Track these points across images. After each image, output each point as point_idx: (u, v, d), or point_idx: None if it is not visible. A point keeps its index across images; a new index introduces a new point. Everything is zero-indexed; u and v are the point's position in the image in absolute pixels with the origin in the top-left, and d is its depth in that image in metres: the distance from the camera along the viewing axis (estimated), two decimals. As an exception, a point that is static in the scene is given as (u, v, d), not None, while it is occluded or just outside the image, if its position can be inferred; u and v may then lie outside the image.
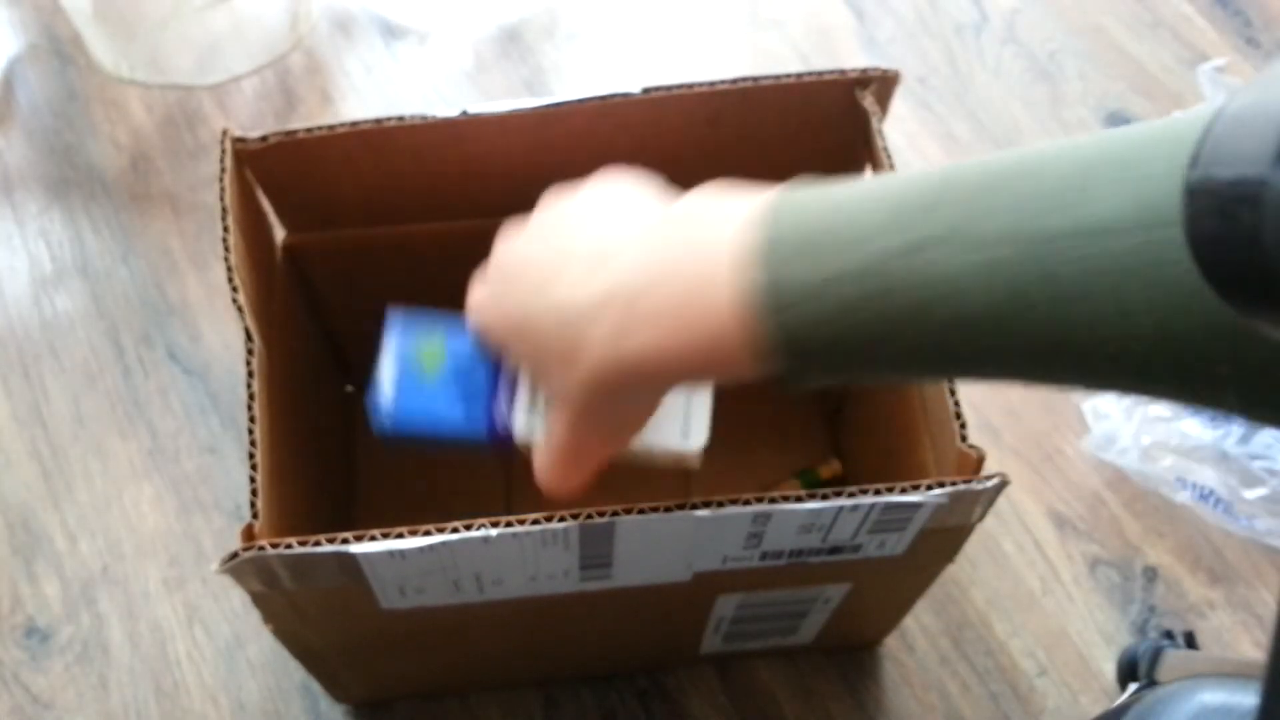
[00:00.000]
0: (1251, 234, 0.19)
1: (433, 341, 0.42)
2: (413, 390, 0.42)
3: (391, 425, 0.42)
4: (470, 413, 0.42)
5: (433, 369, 0.41)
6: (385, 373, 0.41)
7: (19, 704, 0.58)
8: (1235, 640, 0.60)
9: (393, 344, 0.42)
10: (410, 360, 0.42)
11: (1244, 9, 0.85)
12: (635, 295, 0.32)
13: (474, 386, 0.42)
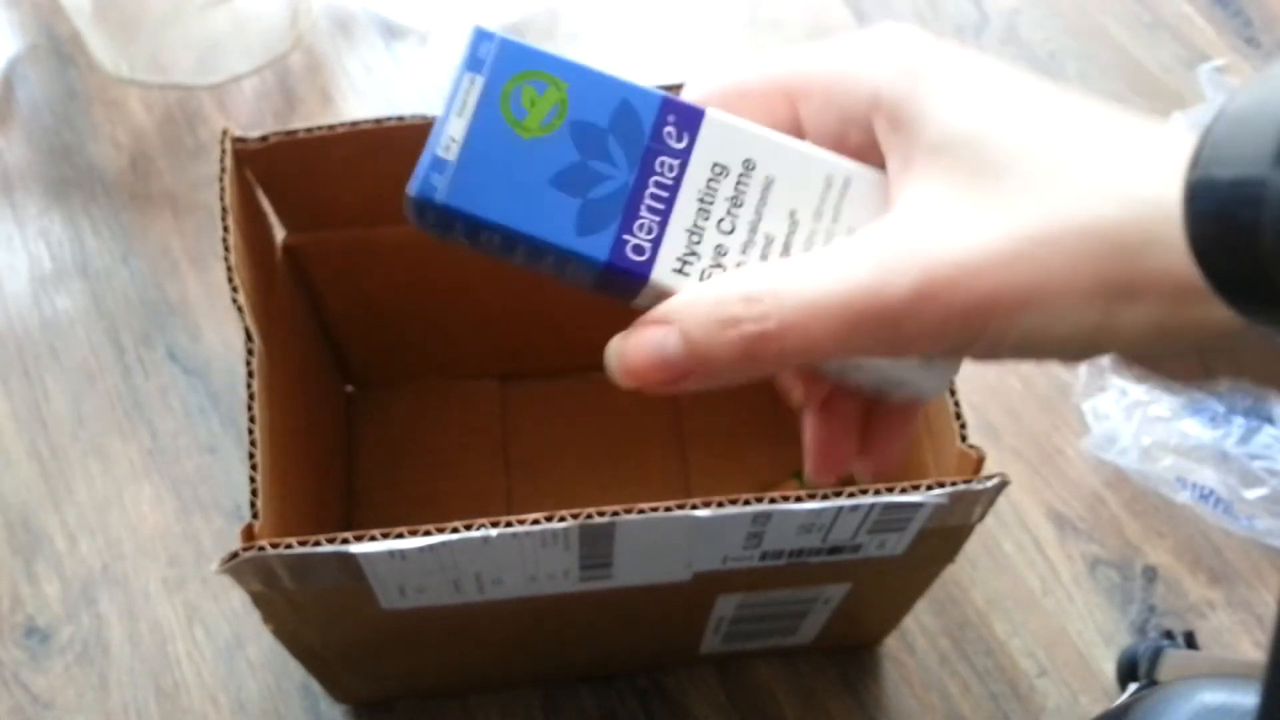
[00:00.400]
0: (1251, 235, 0.19)
1: (545, 89, 0.28)
2: (488, 160, 0.28)
3: (444, 196, 0.27)
4: (585, 218, 0.28)
5: (533, 128, 0.28)
6: (449, 122, 0.28)
7: (19, 704, 0.58)
8: (1235, 640, 0.60)
9: (476, 77, 0.28)
10: (493, 114, 0.28)
11: (1244, 9, 0.85)
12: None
13: (594, 180, 0.28)
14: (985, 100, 0.27)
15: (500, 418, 0.66)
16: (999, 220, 0.26)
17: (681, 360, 0.27)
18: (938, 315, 0.26)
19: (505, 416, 0.66)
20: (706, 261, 0.28)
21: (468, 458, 0.65)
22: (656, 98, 0.28)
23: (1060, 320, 0.25)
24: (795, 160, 0.29)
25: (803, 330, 0.26)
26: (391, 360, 0.66)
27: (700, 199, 0.28)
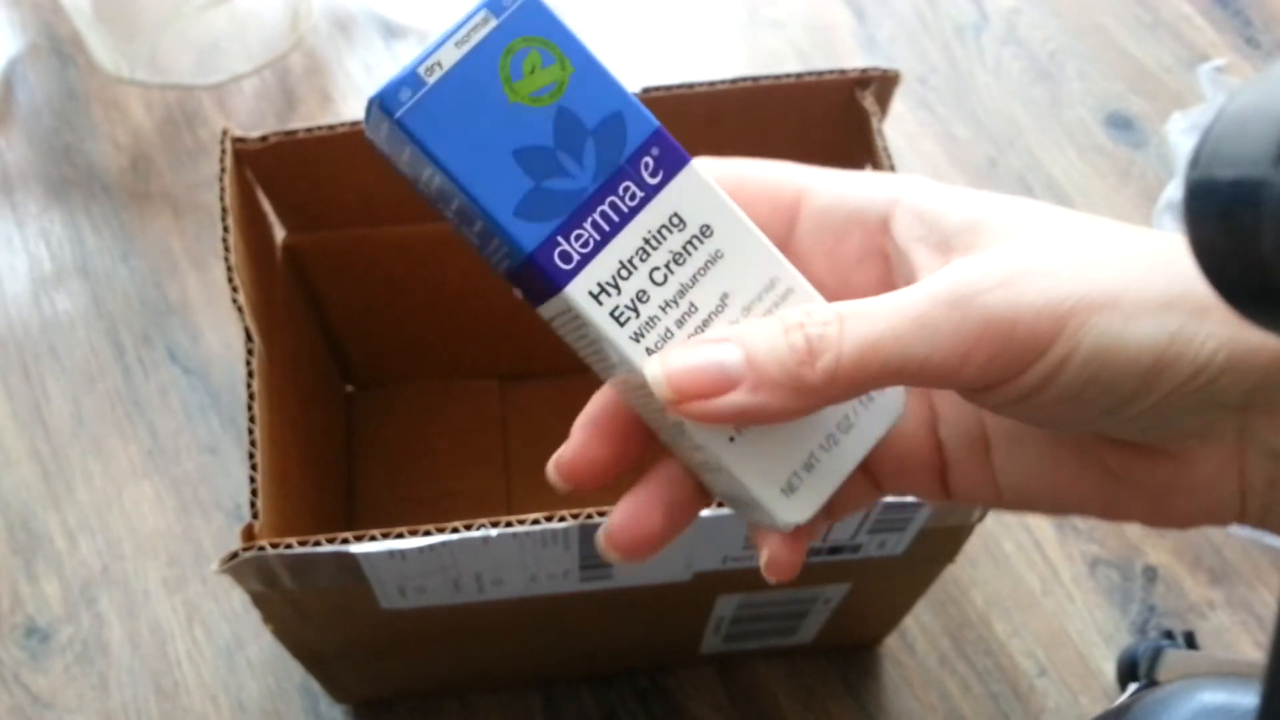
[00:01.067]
0: (1252, 236, 0.19)
1: (551, 63, 0.27)
2: (464, 101, 0.26)
3: (404, 112, 0.26)
4: (530, 203, 0.26)
5: (522, 94, 0.26)
6: (444, 47, 0.26)
7: (19, 704, 0.58)
8: (1235, 640, 0.60)
9: (491, 18, 0.27)
10: (490, 62, 0.26)
11: (1244, 9, 0.85)
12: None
13: (556, 172, 0.26)
14: (995, 197, 0.28)
15: (500, 418, 0.66)
16: (1062, 247, 0.25)
17: (735, 366, 0.26)
18: (1008, 311, 0.24)
19: (505, 416, 0.66)
20: (623, 300, 0.27)
21: (468, 458, 0.65)
22: (651, 125, 0.27)
23: (1135, 328, 0.24)
24: (751, 247, 0.28)
25: (862, 332, 0.25)
26: (391, 360, 0.66)
27: (645, 239, 0.27)
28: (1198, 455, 0.26)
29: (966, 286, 0.25)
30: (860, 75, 0.51)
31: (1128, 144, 0.79)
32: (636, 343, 0.27)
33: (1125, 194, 0.76)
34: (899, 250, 0.28)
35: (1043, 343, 0.24)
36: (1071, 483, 0.28)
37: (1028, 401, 0.25)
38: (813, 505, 0.28)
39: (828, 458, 0.28)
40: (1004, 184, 0.76)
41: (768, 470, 0.28)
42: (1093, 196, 0.76)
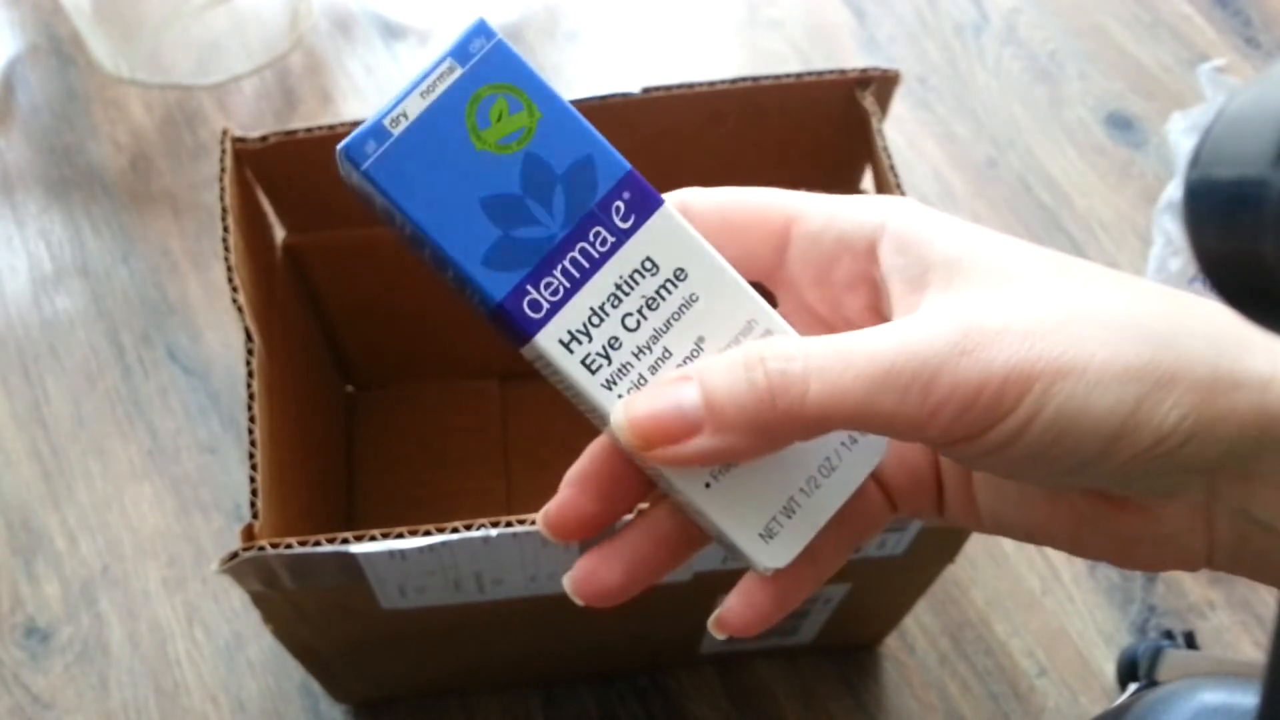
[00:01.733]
0: (1252, 235, 0.19)
1: (518, 110, 0.26)
2: (430, 151, 0.26)
3: (369, 164, 0.26)
4: (497, 252, 0.26)
5: (489, 142, 0.26)
6: (410, 97, 0.26)
7: (19, 704, 0.58)
8: (1235, 640, 0.60)
9: (456, 67, 0.27)
10: (456, 110, 0.26)
11: (1244, 9, 0.85)
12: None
13: (524, 220, 0.26)
14: (982, 232, 0.28)
15: (500, 418, 0.66)
16: (1035, 301, 0.25)
17: (694, 408, 0.25)
18: (976, 372, 0.24)
19: (505, 416, 0.66)
20: (595, 347, 0.26)
21: (468, 457, 0.65)
22: (622, 168, 0.27)
23: (1100, 397, 0.24)
24: (726, 290, 0.27)
25: (829, 377, 0.25)
26: (391, 360, 0.66)
27: (617, 285, 0.27)
28: (1165, 510, 0.26)
29: (938, 344, 0.25)
30: (860, 75, 0.51)
31: (1127, 144, 0.79)
32: (609, 390, 0.26)
33: (1125, 194, 0.76)
34: (881, 278, 0.28)
35: (1007, 405, 0.24)
36: (1042, 519, 0.29)
37: (990, 458, 0.25)
38: (792, 550, 0.28)
39: (808, 502, 0.28)
40: (1004, 183, 0.76)
41: (746, 515, 0.27)
42: (1092, 196, 0.76)
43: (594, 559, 0.29)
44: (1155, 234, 0.73)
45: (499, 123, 0.26)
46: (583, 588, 0.28)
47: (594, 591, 0.28)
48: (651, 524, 0.29)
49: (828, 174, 0.57)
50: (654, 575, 0.29)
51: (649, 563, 0.29)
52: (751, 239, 0.29)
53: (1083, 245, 0.74)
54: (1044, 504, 0.28)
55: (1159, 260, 0.70)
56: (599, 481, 0.28)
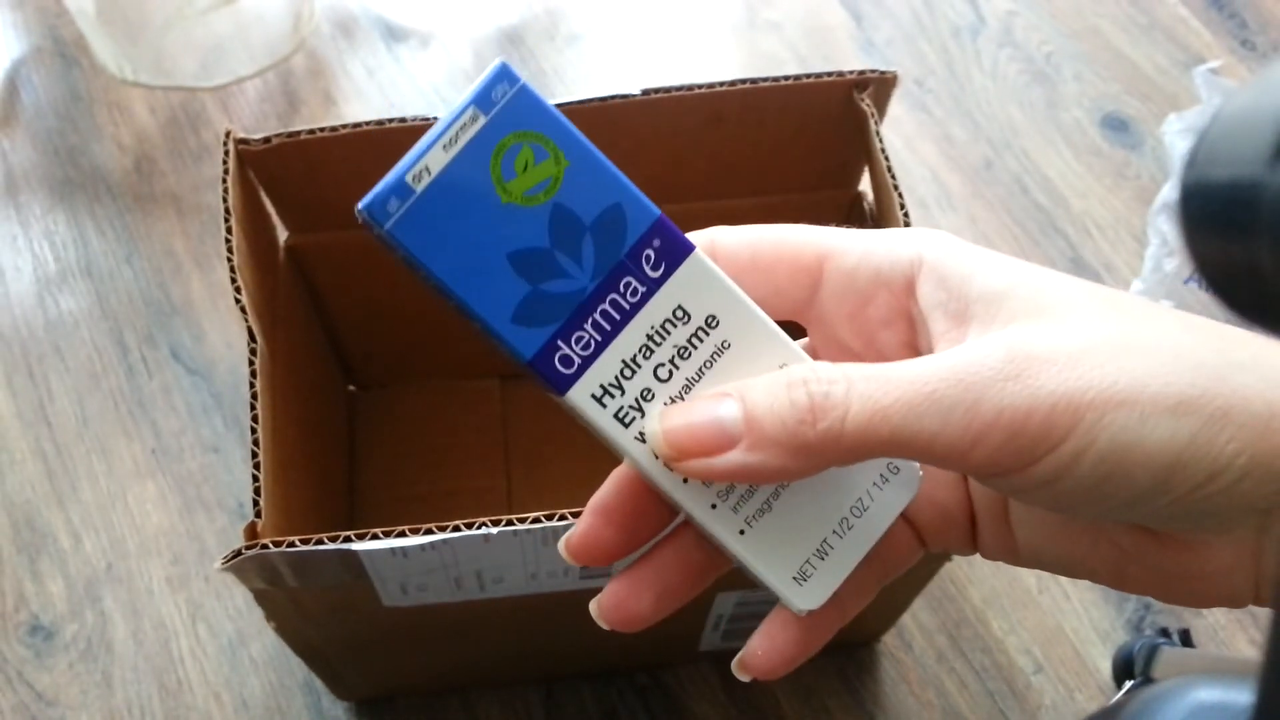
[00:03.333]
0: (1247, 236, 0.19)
1: (544, 159, 0.25)
2: (454, 206, 0.25)
3: (392, 224, 0.25)
4: (527, 308, 0.25)
5: (515, 194, 0.25)
6: (432, 151, 0.25)
7: (23, 701, 0.58)
8: (1231, 638, 0.60)
9: (480, 115, 0.25)
10: (480, 162, 0.25)
11: (1239, 11, 0.86)
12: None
13: (553, 274, 0.25)
14: (1023, 265, 0.27)
15: (501, 417, 0.67)
16: (1084, 331, 0.25)
17: (733, 423, 0.25)
18: (1024, 398, 0.23)
19: (506, 416, 0.67)
20: (628, 400, 0.26)
21: (469, 457, 0.65)
22: (651, 215, 0.26)
23: (1153, 429, 0.23)
24: (759, 335, 0.27)
25: (870, 399, 0.24)
26: (393, 360, 0.66)
27: (649, 336, 0.26)
28: (1213, 547, 0.26)
29: (984, 369, 0.24)
30: (858, 77, 0.52)
31: (1123, 145, 0.79)
32: (642, 444, 0.26)
33: (1121, 195, 0.77)
34: (921, 314, 0.27)
35: (1056, 436, 0.23)
36: (1083, 554, 0.28)
37: (1039, 491, 0.25)
38: (826, 591, 0.27)
39: (841, 544, 0.28)
40: (1001, 184, 0.77)
41: (780, 559, 0.27)
42: (1088, 197, 0.76)
43: (623, 586, 0.28)
44: (1151, 235, 0.73)
45: (525, 173, 0.25)
46: (611, 615, 0.28)
47: (623, 619, 0.28)
48: (679, 552, 0.29)
49: (826, 175, 0.58)
50: (681, 601, 0.29)
51: (677, 590, 0.29)
52: (782, 276, 0.29)
53: (1079, 246, 0.74)
54: (1085, 538, 0.28)
55: (1154, 261, 0.71)
56: (622, 512, 0.28)
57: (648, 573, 0.29)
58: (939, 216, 0.74)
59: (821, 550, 0.27)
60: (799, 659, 0.29)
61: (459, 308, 0.26)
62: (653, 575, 0.28)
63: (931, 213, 0.75)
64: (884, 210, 0.51)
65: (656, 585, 0.28)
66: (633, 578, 0.28)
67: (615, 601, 0.28)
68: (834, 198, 0.59)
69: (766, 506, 0.27)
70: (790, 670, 0.28)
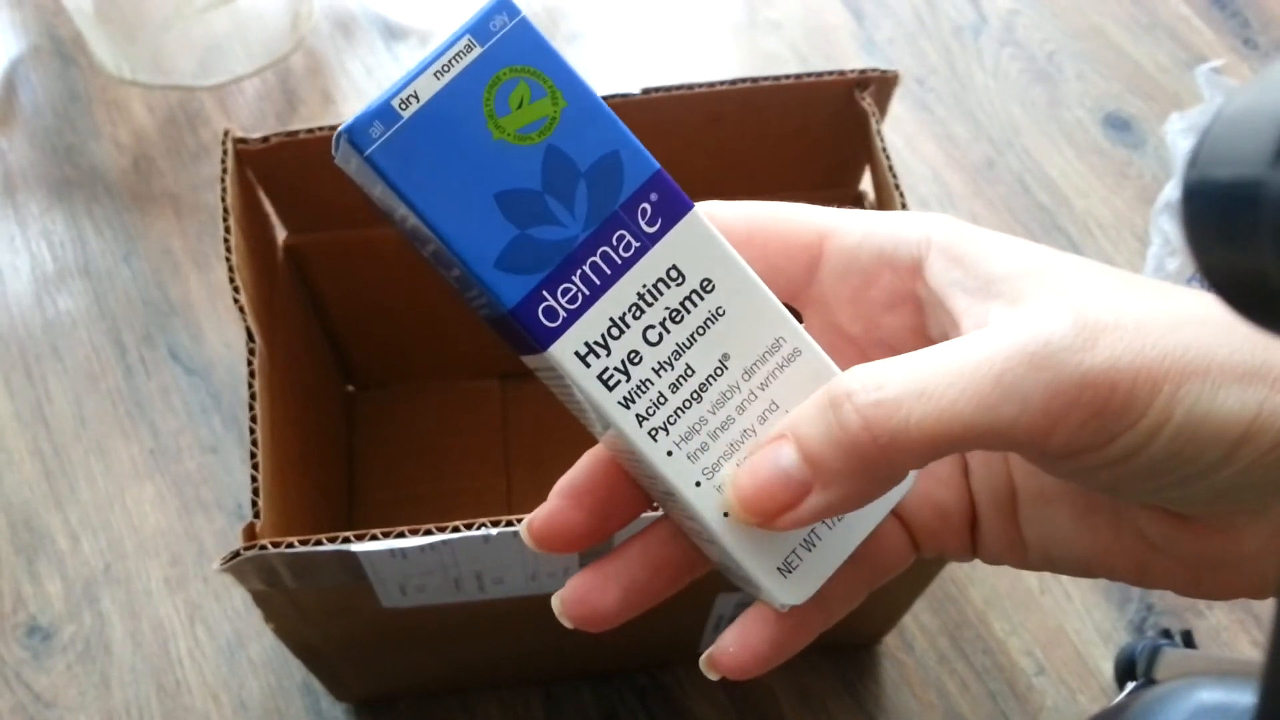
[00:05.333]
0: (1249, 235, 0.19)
1: (541, 97, 0.24)
2: (442, 138, 0.23)
3: (374, 149, 0.23)
4: (512, 253, 0.24)
5: (508, 131, 0.24)
6: (422, 77, 0.23)
7: (21, 702, 0.58)
8: (1233, 639, 0.60)
9: (475, 45, 0.24)
10: (473, 94, 0.24)
11: (1241, 10, 0.85)
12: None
13: (543, 219, 0.24)
14: (1039, 246, 0.26)
15: (500, 417, 0.66)
16: (1136, 302, 0.23)
17: (796, 468, 0.23)
18: (1103, 370, 0.22)
19: (505, 416, 0.67)
20: (613, 361, 0.24)
21: (468, 457, 0.65)
22: (650, 167, 0.25)
23: (1224, 399, 0.22)
24: (756, 304, 0.25)
25: (932, 397, 0.22)
26: (392, 360, 0.66)
27: (640, 295, 0.24)
28: (1245, 530, 0.25)
29: (1054, 341, 0.22)
30: (859, 76, 0.51)
31: (1125, 145, 0.79)
32: (626, 409, 0.25)
33: (1123, 195, 0.76)
34: (933, 295, 0.26)
35: (1136, 410, 0.22)
36: (1104, 549, 0.27)
37: (1107, 470, 0.23)
38: (811, 586, 0.26)
39: (830, 535, 0.26)
40: (1002, 184, 0.77)
41: (765, 548, 0.26)
42: (1090, 197, 0.76)
43: (587, 580, 0.27)
44: (1153, 234, 0.73)
45: (520, 110, 0.24)
46: (574, 610, 0.27)
47: (585, 615, 0.27)
48: (650, 547, 0.27)
49: (826, 175, 0.57)
50: (650, 601, 0.28)
51: (645, 588, 0.27)
52: (779, 255, 0.27)
53: (1080, 246, 0.74)
54: (1107, 532, 0.27)
55: (1156, 260, 0.71)
56: (593, 495, 0.26)
57: (615, 566, 0.27)
58: (940, 216, 0.74)
59: (808, 541, 0.26)
60: (773, 661, 0.27)
61: (438, 251, 0.24)
62: (620, 569, 0.27)
63: (932, 212, 0.74)
64: (885, 210, 0.51)
65: (624, 580, 0.27)
66: (598, 571, 0.27)
67: (578, 595, 0.27)
68: (835, 197, 0.59)
69: None
70: (761, 672, 0.27)
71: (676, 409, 0.25)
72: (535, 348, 0.24)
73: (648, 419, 0.25)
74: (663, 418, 0.25)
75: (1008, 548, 0.28)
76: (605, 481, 0.27)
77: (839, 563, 0.26)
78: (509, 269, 0.24)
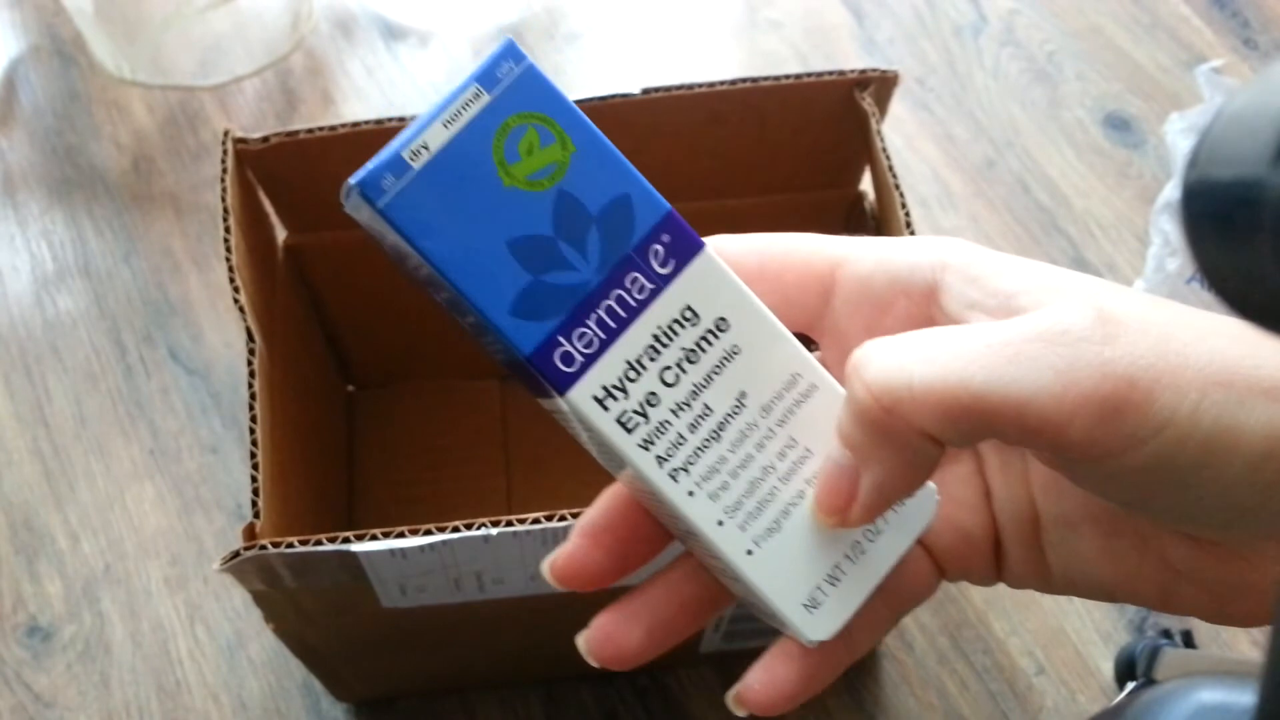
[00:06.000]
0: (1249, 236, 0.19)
1: (550, 143, 0.24)
2: (453, 187, 0.23)
3: (386, 202, 0.24)
4: (527, 300, 0.24)
5: (518, 178, 0.24)
6: (431, 127, 0.24)
7: (21, 703, 0.58)
8: (1233, 639, 0.60)
9: (483, 93, 0.24)
10: (482, 142, 0.24)
11: (1241, 10, 0.85)
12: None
13: (556, 264, 0.24)
14: (1058, 268, 0.26)
15: (500, 417, 0.66)
16: (1159, 311, 0.23)
17: (842, 455, 0.24)
18: (1125, 365, 0.22)
19: (505, 416, 0.67)
20: (631, 404, 0.24)
21: (468, 457, 0.65)
22: (661, 209, 0.24)
23: (1251, 413, 0.22)
24: (770, 341, 0.25)
25: (932, 360, 0.22)
26: (392, 360, 0.66)
27: (655, 336, 0.24)
28: (1269, 556, 0.25)
29: (1074, 329, 0.22)
30: (859, 76, 0.51)
31: (1125, 145, 0.79)
32: (646, 451, 0.25)
33: (1123, 195, 0.76)
34: (950, 319, 0.26)
35: (1160, 413, 0.22)
36: (1127, 575, 0.27)
37: (1133, 479, 0.23)
38: (838, 621, 0.26)
39: (854, 570, 0.26)
40: (1002, 184, 0.77)
41: (789, 584, 0.26)
42: (1090, 197, 0.76)
43: (612, 619, 0.27)
44: (1153, 234, 0.73)
45: (529, 157, 0.24)
46: (599, 649, 0.27)
47: (611, 655, 0.27)
48: (674, 584, 0.28)
49: (826, 175, 0.57)
50: (675, 638, 0.27)
51: (669, 626, 0.27)
52: (792, 285, 0.27)
53: (1081, 246, 0.74)
54: (1132, 557, 0.26)
55: (1156, 260, 0.71)
56: (613, 534, 0.27)
57: (638, 605, 0.27)
58: (940, 216, 0.74)
59: (833, 576, 0.26)
60: (800, 697, 0.27)
61: (453, 299, 0.25)
62: (643, 608, 0.27)
63: (933, 212, 0.74)
64: (885, 210, 0.51)
65: (647, 619, 0.27)
66: (622, 611, 0.27)
67: (603, 635, 0.27)
68: (835, 197, 0.59)
69: (776, 526, 0.26)
70: (790, 709, 0.27)
71: (696, 449, 0.25)
72: (553, 393, 0.24)
73: (668, 460, 0.25)
74: (683, 458, 0.25)
75: (1032, 572, 0.28)
76: (625, 520, 0.27)
77: (866, 596, 0.26)
78: (524, 315, 0.24)
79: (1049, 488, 0.27)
